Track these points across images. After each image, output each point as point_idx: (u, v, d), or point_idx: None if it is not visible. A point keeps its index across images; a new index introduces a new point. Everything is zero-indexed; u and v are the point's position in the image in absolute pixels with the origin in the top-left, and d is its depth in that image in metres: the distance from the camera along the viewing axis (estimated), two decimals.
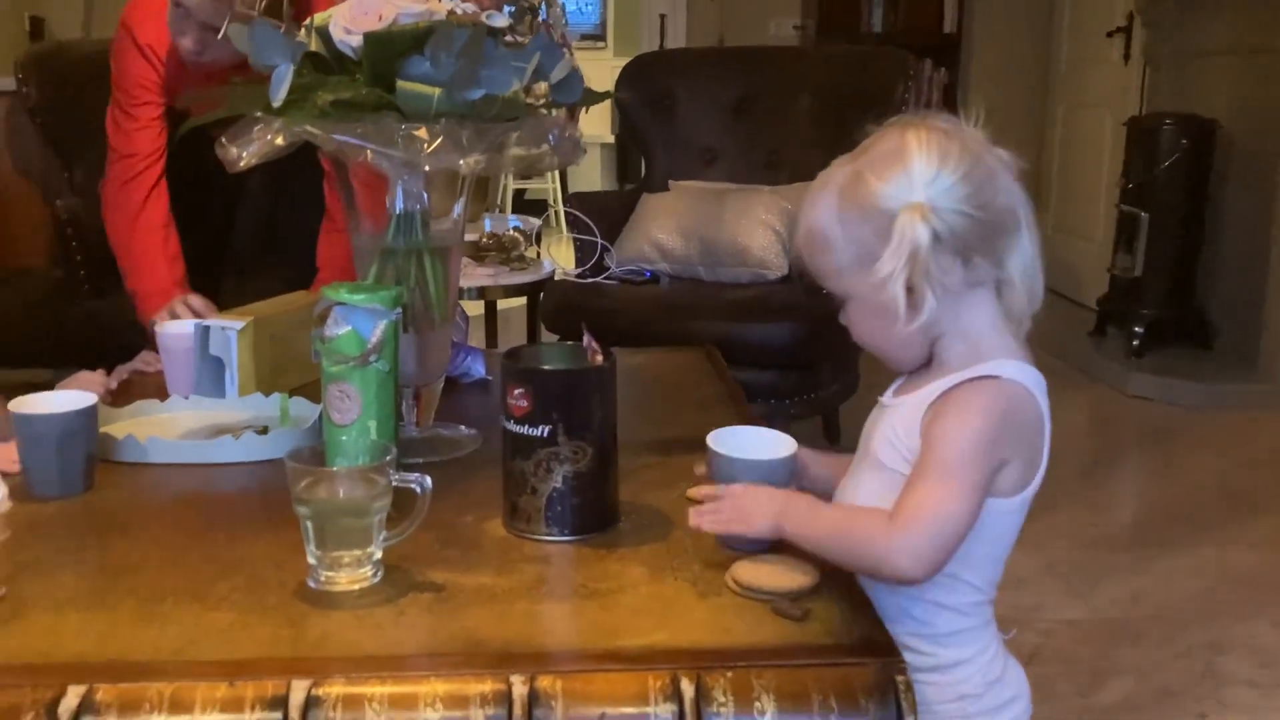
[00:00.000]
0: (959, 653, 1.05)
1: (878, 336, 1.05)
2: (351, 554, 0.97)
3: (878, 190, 0.99)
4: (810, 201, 1.05)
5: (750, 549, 1.02)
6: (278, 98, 1.15)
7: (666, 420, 1.46)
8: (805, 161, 3.17)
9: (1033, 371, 1.03)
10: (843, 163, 1.05)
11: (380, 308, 1.17)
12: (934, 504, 0.95)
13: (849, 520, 1.00)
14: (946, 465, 0.96)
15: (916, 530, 0.94)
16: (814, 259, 1.05)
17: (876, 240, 0.99)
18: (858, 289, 1.03)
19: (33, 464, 1.16)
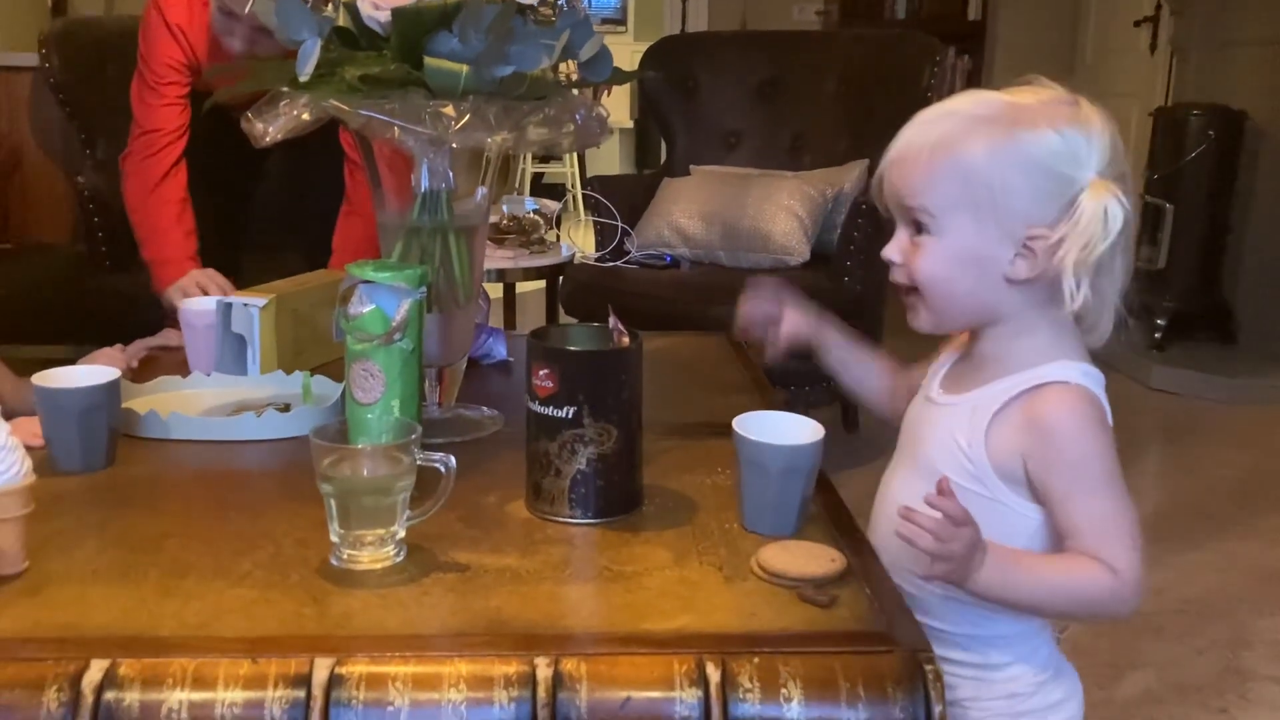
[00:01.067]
0: (1010, 655, 1.03)
1: (952, 285, 0.99)
2: (375, 533, 0.96)
3: (1050, 142, 0.93)
4: (946, 120, 0.97)
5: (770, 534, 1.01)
6: (304, 72, 1.14)
7: (689, 404, 1.45)
8: (829, 147, 3.17)
9: (1096, 372, 1.00)
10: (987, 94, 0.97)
11: (405, 286, 1.16)
12: (1128, 535, 0.93)
13: (1066, 578, 0.95)
14: (1108, 494, 0.95)
15: (1134, 569, 0.92)
16: (928, 174, 0.97)
17: (1030, 194, 0.94)
18: (962, 227, 0.96)
19: (55, 438, 1.16)
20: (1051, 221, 0.94)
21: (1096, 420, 0.97)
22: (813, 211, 2.88)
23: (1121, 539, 0.94)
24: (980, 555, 0.92)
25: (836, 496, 1.11)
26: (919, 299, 1.02)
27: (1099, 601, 0.94)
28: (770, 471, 1.01)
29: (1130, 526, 0.95)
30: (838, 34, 4.22)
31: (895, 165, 1.01)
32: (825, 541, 0.99)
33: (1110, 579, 0.93)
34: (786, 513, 1.02)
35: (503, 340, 1.67)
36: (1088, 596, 0.94)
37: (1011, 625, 1.03)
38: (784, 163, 3.13)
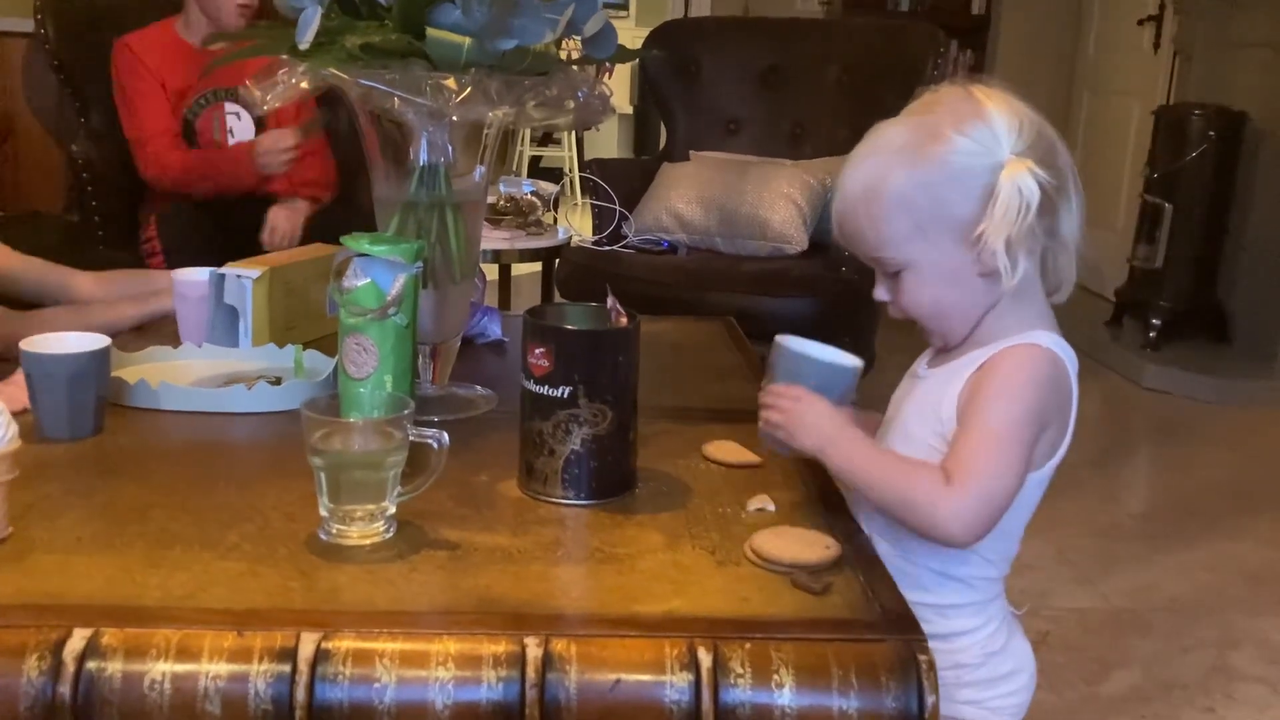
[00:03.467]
0: (959, 624, 1.04)
1: (941, 305, 1.02)
2: (365, 508, 0.95)
3: (960, 146, 0.96)
4: (866, 163, 1.02)
5: (786, 453, 1.03)
6: (304, 40, 1.12)
7: (685, 389, 1.44)
8: (830, 135, 3.15)
9: (1068, 346, 1.01)
10: (894, 123, 1.02)
11: (401, 261, 1.15)
12: (989, 472, 0.94)
13: (903, 471, 0.98)
14: (998, 435, 0.95)
15: (972, 496, 0.93)
16: (871, 225, 1.01)
17: (962, 199, 0.96)
18: (924, 254, 1.00)
19: (42, 405, 1.15)
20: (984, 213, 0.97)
21: (1038, 378, 0.98)
22: (811, 200, 2.87)
23: (975, 473, 0.94)
24: (820, 428, 0.99)
25: (831, 485, 1.10)
26: (923, 327, 1.06)
27: (917, 503, 0.95)
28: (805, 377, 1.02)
29: (991, 475, 0.95)
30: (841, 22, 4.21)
31: (841, 224, 1.06)
32: (819, 528, 0.98)
33: (939, 487, 0.94)
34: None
35: (498, 320, 1.66)
36: (912, 493, 0.96)
37: (961, 594, 1.04)
38: (784, 150, 3.12)
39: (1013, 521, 1.03)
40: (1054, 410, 0.99)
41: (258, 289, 1.46)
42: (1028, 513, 1.04)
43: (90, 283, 1.84)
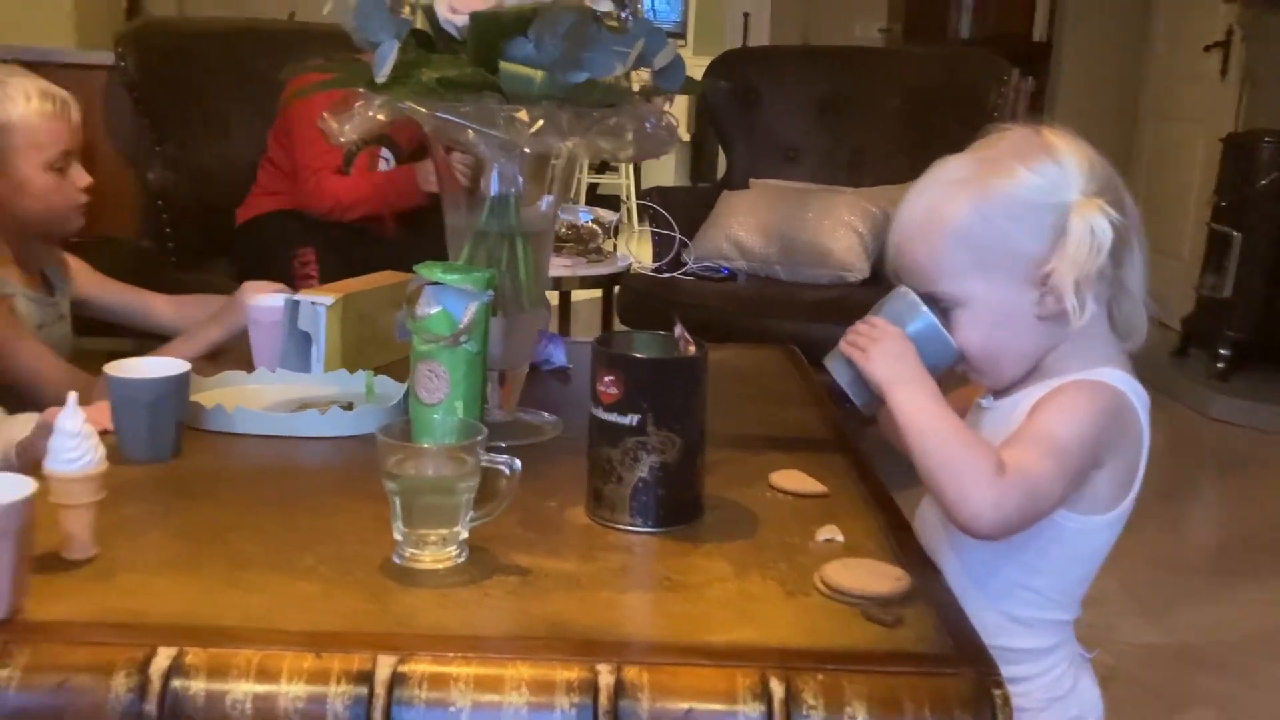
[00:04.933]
0: (1021, 669, 1.02)
1: (994, 345, 1.01)
2: (437, 532, 0.97)
3: (1027, 181, 0.96)
4: (926, 194, 1.01)
5: (850, 401, 1.03)
6: (381, 74, 1.15)
7: (748, 417, 1.44)
8: (890, 164, 3.15)
9: (1139, 387, 1.00)
10: (958, 157, 1.01)
11: (473, 289, 1.17)
12: (1038, 475, 0.93)
13: (964, 440, 0.95)
14: (1056, 443, 0.94)
15: (1016, 491, 0.92)
16: (929, 257, 1.01)
17: (1027, 236, 0.96)
18: (982, 291, 0.99)
19: (124, 427, 1.18)
20: (1053, 252, 0.96)
21: (1101, 410, 0.97)
22: (872, 228, 2.86)
23: (1028, 472, 0.93)
24: (899, 364, 0.98)
25: (900, 516, 1.10)
26: (970, 367, 1.05)
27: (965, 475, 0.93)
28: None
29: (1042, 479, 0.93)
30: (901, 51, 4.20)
31: (897, 255, 1.05)
32: (888, 560, 0.98)
33: (990, 471, 0.92)
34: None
35: (562, 346, 1.67)
36: (963, 464, 0.93)
37: (1024, 638, 1.02)
38: (843, 178, 3.11)
39: (1083, 567, 1.01)
40: (1114, 447, 0.98)
41: (331, 315, 1.49)
42: (1097, 561, 1.03)
43: (168, 306, 1.89)
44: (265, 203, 2.75)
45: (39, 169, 1.62)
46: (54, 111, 1.63)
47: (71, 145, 1.67)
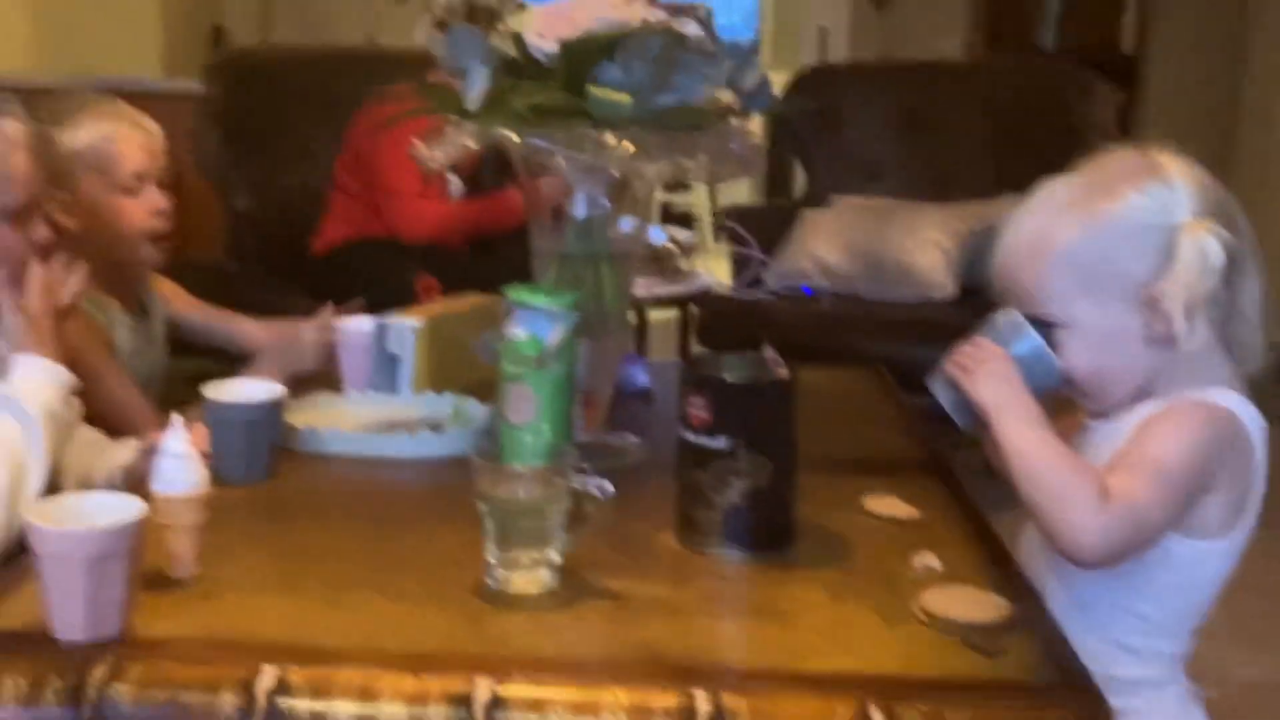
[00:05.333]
0: (1127, 701, 0.98)
1: (1100, 368, 1.00)
2: (529, 555, 0.97)
3: (1135, 203, 0.95)
4: (1032, 216, 1.01)
5: (956, 420, 1.03)
6: (473, 100, 1.16)
7: (837, 440, 1.42)
8: (976, 179, 3.10)
9: (1254, 410, 0.97)
10: (1064, 180, 1.00)
11: (560, 311, 1.17)
12: (1145, 501, 0.91)
13: (1070, 466, 0.95)
14: (1163, 467, 0.92)
15: (1122, 518, 0.90)
16: (1034, 279, 1.00)
17: (1135, 258, 0.95)
18: (1088, 314, 0.98)
19: (221, 450, 1.20)
20: (1162, 274, 0.95)
21: (1208, 431, 0.95)
22: (959, 245, 2.82)
23: (1134, 500, 0.91)
24: (1004, 387, 0.97)
25: (999, 542, 1.07)
26: (1075, 390, 1.04)
27: (1071, 502, 0.92)
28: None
29: (1147, 506, 0.92)
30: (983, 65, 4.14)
31: (1001, 276, 1.05)
32: (989, 587, 0.96)
33: (1096, 497, 0.91)
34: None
35: (644, 368, 1.67)
36: (1069, 490, 0.93)
37: (1132, 667, 0.99)
38: (927, 195, 3.08)
39: (1196, 595, 0.99)
40: (1224, 470, 0.95)
41: (418, 337, 1.51)
42: (1212, 589, 1.00)
43: (257, 329, 1.92)
44: (340, 230, 2.79)
45: (108, 191, 1.64)
46: (122, 134, 1.66)
47: (142, 167, 1.68)
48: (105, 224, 1.63)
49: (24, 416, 1.20)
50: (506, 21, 1.21)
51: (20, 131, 1.27)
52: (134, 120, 1.67)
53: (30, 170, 1.28)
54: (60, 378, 1.27)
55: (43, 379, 1.25)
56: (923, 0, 5.16)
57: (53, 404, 1.24)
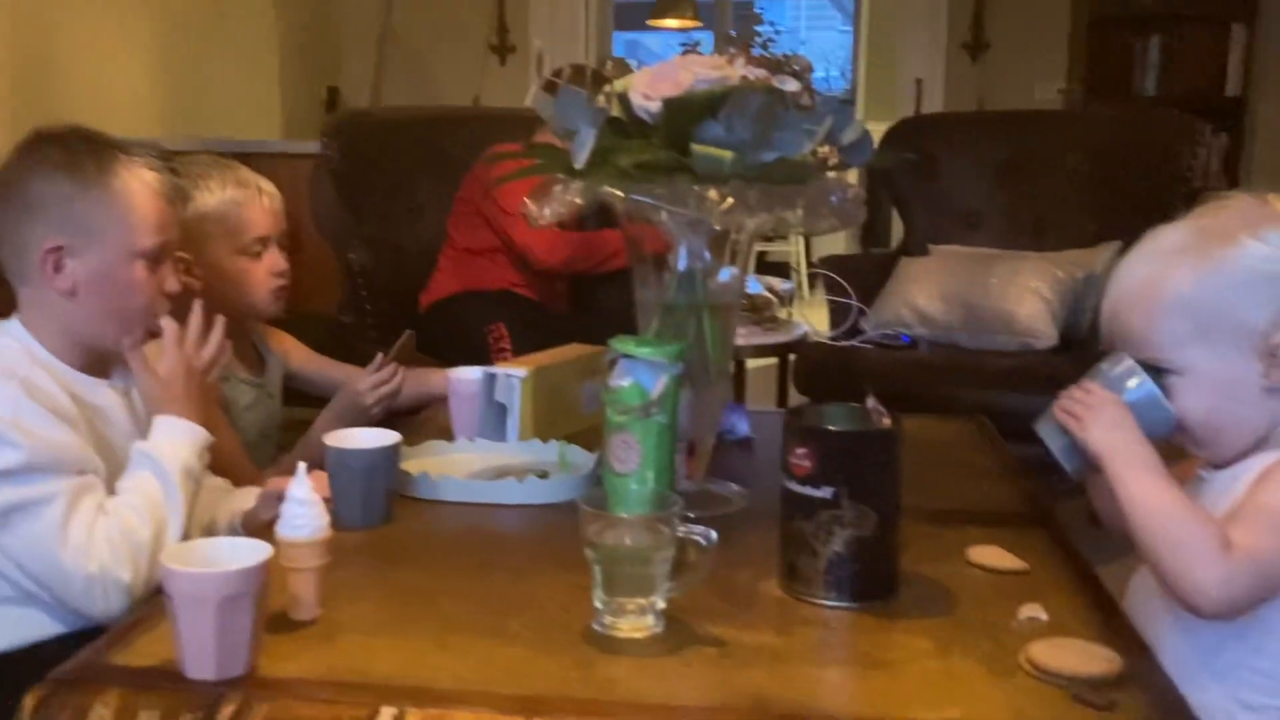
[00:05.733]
0: None
1: (1216, 416, 0.99)
2: (635, 601, 0.99)
3: (1254, 250, 0.94)
4: (1145, 261, 1.00)
5: (1064, 465, 1.03)
6: (581, 160, 1.21)
7: (940, 490, 1.41)
8: (1076, 227, 3.06)
9: None
10: (1177, 226, 1.00)
11: (663, 361, 1.20)
12: (1267, 551, 0.89)
13: (1188, 514, 0.94)
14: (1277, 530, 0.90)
15: (1244, 571, 0.89)
16: (1147, 325, 0.99)
17: (1254, 305, 0.94)
18: (1203, 361, 0.97)
19: (340, 495, 1.25)
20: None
21: None
22: (1060, 294, 2.78)
23: (1256, 550, 0.90)
24: (1118, 433, 0.97)
25: (1107, 594, 1.06)
26: (1189, 438, 1.02)
27: (1189, 550, 0.91)
28: None
29: (1270, 559, 0.91)
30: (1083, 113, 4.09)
31: (1111, 321, 1.04)
32: (1098, 640, 0.94)
33: (1216, 547, 0.90)
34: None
35: (745, 417, 1.69)
36: (1188, 538, 0.91)
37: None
38: (1027, 243, 3.04)
39: None
40: None
41: (525, 387, 1.55)
42: None
43: None
44: (447, 285, 2.88)
45: (232, 254, 1.71)
46: (247, 199, 1.74)
47: (266, 231, 1.75)
48: (229, 285, 1.71)
49: (163, 474, 1.27)
50: (613, 84, 1.25)
51: (158, 180, 1.34)
52: (258, 186, 1.75)
53: (167, 217, 1.35)
54: (196, 437, 1.33)
55: (180, 439, 1.31)
56: (1019, 50, 5.12)
57: (189, 461, 1.30)
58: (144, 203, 1.32)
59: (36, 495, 1.18)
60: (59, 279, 1.29)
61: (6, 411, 1.20)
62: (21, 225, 1.30)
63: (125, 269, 1.31)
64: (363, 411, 1.74)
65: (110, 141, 1.34)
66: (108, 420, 1.34)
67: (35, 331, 1.31)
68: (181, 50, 3.64)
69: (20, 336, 1.31)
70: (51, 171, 1.30)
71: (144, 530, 1.23)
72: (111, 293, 1.32)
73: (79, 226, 1.29)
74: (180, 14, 3.63)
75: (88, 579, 1.19)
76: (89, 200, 1.29)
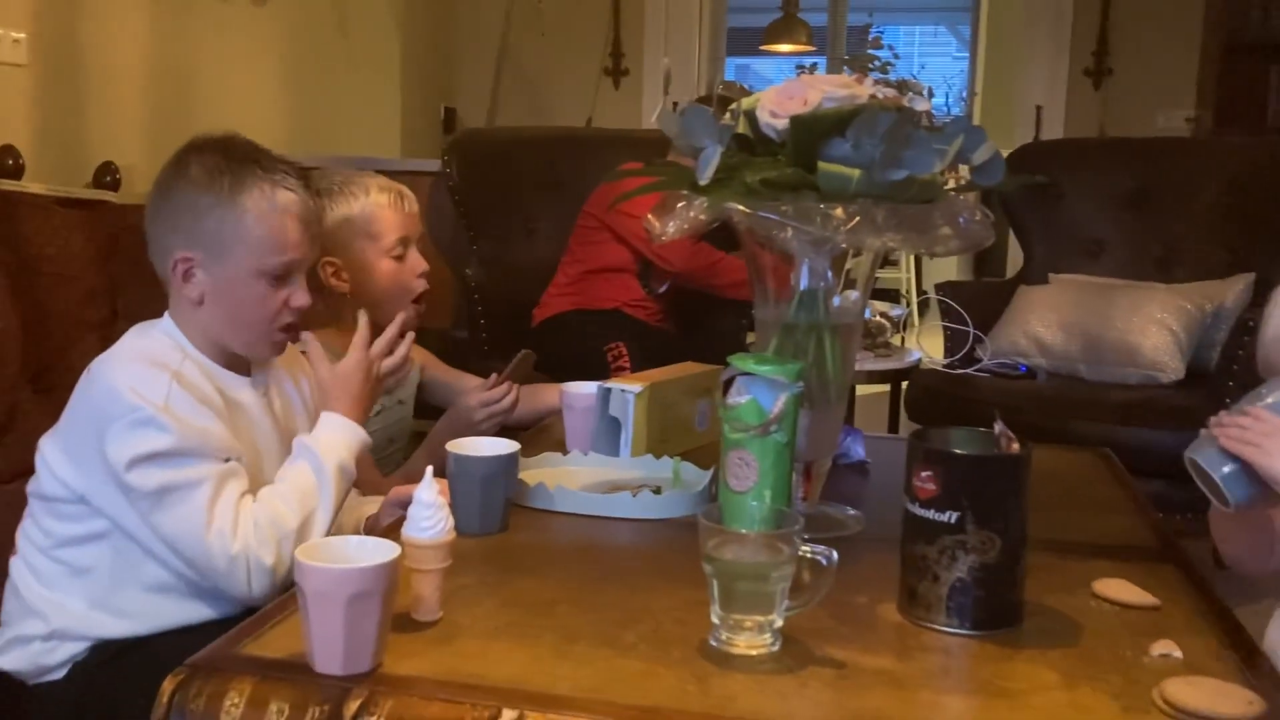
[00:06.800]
0: None
1: None
2: (753, 619, 0.98)
3: None
4: None
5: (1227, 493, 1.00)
6: (705, 176, 1.21)
7: (1064, 521, 1.37)
8: (1206, 259, 2.97)
9: None
10: None
11: (783, 380, 1.19)
12: None
13: None
14: None
15: None
16: None
17: None
18: None
19: (460, 502, 1.27)
20: None
21: None
22: (1188, 326, 2.69)
23: None
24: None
25: (1244, 634, 1.02)
26: None
27: None
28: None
29: None
30: (1216, 142, 3.95)
31: (1276, 347, 1.02)
32: (1237, 681, 0.91)
33: None
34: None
35: (861, 441, 1.67)
36: None
37: None
38: (1152, 274, 2.95)
39: None
40: None
41: (639, 403, 1.56)
42: None
43: None
44: (560, 303, 2.91)
45: (379, 256, 1.77)
46: (390, 202, 1.79)
47: (407, 232, 1.80)
48: (373, 285, 1.76)
49: (319, 468, 1.32)
50: (740, 102, 1.25)
51: (291, 200, 1.37)
52: (398, 190, 1.81)
53: (297, 237, 1.38)
54: (357, 437, 1.37)
55: (342, 437, 1.36)
56: (1143, 77, 4.97)
57: (345, 460, 1.34)
58: (272, 223, 1.35)
59: (185, 478, 1.24)
60: (188, 288, 1.34)
61: (159, 398, 1.25)
62: (164, 232, 1.36)
63: (247, 285, 1.35)
64: (472, 427, 1.76)
65: (255, 156, 1.37)
66: (248, 417, 1.38)
67: (183, 328, 1.36)
68: (309, 69, 3.78)
69: (171, 332, 1.36)
70: (191, 183, 1.34)
71: (291, 519, 1.27)
72: (235, 306, 1.36)
73: (207, 240, 1.33)
74: (308, 34, 3.77)
75: (231, 560, 1.23)
76: (217, 216, 1.33)
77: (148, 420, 1.23)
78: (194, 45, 3.18)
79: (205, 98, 3.22)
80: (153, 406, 1.24)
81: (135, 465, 1.23)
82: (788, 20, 6.04)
